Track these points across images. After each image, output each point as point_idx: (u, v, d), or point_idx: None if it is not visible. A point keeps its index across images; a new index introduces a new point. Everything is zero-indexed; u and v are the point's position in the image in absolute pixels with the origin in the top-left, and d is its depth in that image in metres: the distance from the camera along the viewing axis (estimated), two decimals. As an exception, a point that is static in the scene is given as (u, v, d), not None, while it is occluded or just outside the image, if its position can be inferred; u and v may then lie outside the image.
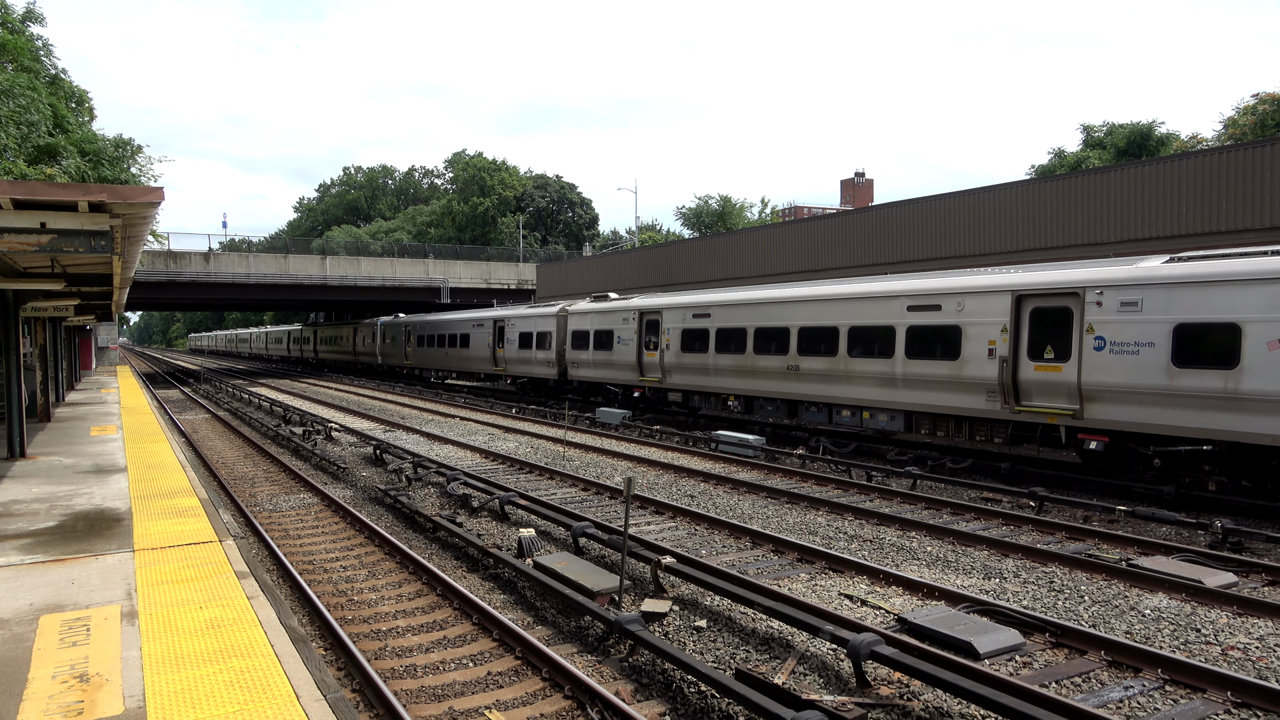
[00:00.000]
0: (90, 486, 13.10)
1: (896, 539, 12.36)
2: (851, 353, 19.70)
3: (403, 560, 11.61)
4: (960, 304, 17.46)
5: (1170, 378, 13.96)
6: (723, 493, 15.93)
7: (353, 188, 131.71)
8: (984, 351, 16.80)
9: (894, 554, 11.59)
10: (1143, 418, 14.41)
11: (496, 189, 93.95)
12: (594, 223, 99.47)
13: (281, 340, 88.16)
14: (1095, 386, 14.92)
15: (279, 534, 13.56)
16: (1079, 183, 23.00)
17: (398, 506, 15.10)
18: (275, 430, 25.57)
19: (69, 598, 7.57)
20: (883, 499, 15.21)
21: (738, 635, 8.71)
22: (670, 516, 13.89)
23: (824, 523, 13.40)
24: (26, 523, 10.59)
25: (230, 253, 54.79)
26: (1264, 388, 12.83)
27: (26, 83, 24.11)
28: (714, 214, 79.31)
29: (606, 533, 11.87)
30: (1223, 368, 13.34)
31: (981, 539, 11.91)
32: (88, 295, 19.41)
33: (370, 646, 8.63)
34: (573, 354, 31.76)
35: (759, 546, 11.95)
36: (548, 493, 15.95)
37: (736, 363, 23.16)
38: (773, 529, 12.94)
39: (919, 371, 18.09)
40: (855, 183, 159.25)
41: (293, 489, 17.49)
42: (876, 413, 19.46)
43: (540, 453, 21.10)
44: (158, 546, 9.37)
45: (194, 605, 7.37)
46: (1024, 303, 16.27)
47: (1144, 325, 14.36)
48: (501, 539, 12.82)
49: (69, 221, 8.92)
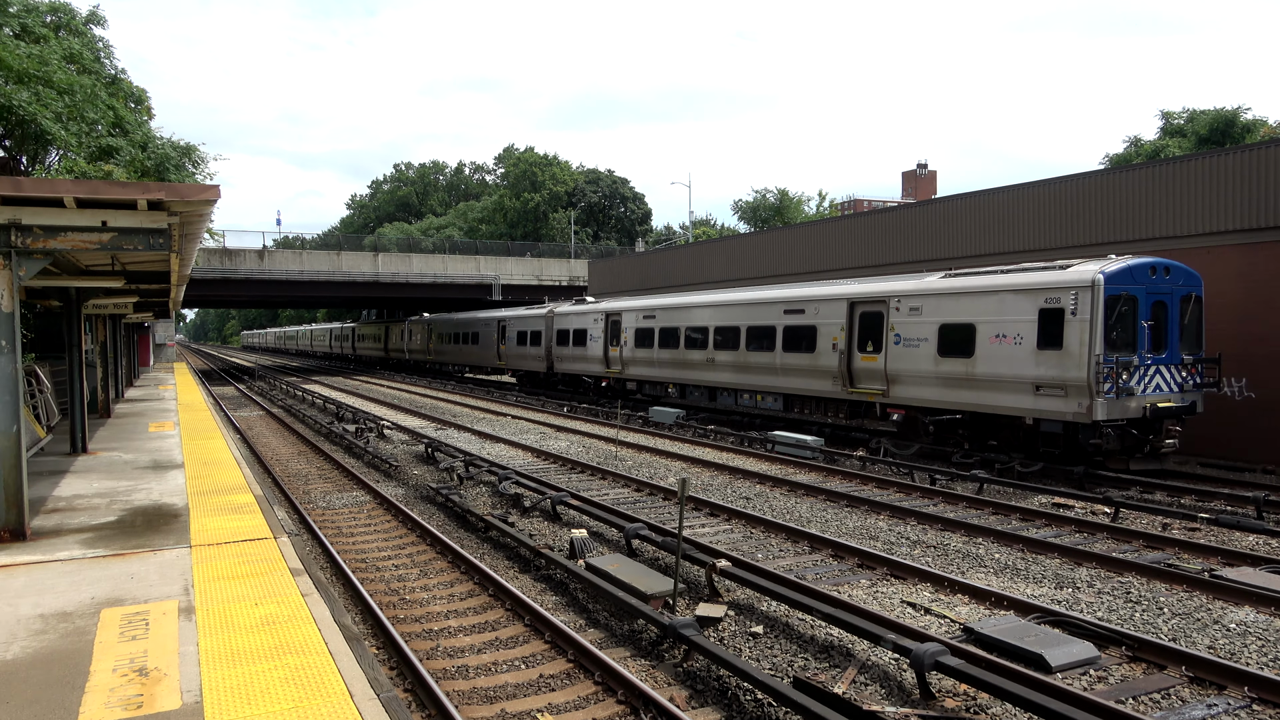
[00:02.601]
0: (149, 482, 13.51)
1: (962, 545, 12.15)
2: (749, 348, 24.70)
3: (454, 560, 11.75)
4: (816, 309, 22.33)
5: (936, 365, 18.76)
6: (779, 495, 15.84)
7: (404, 184, 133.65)
8: (830, 346, 21.71)
9: (959, 561, 11.41)
10: (921, 395, 19.27)
11: (548, 184, 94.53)
12: (647, 218, 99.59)
13: (324, 338, 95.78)
14: (895, 372, 19.77)
15: (332, 531, 13.84)
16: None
17: (449, 505, 15.30)
18: (328, 427, 26.10)
19: (128, 592, 7.82)
20: (947, 503, 14.98)
21: (796, 642, 8.63)
22: (725, 519, 13.85)
23: (886, 527, 13.24)
24: (88, 517, 10.97)
25: (284, 250, 56.13)
26: (988, 371, 17.70)
27: (90, 84, 24.95)
28: (771, 208, 78.70)
29: (660, 535, 11.87)
30: (965, 357, 18.10)
31: (1053, 546, 11.67)
32: (146, 293, 20.02)
33: (422, 646, 8.75)
34: (558, 350, 37.53)
35: (818, 551, 11.85)
36: (600, 493, 16.01)
37: (673, 356, 28.48)
38: (832, 533, 12.82)
39: (791, 362, 23.05)
40: (917, 174, 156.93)
41: (346, 486, 17.84)
42: (766, 396, 24.34)
43: (592, 452, 21.19)
44: (214, 543, 9.63)
45: (249, 601, 7.55)
46: (855, 308, 21.16)
47: (922, 325, 19.19)
48: (553, 540, 12.90)
49: (129, 220, 9.20)
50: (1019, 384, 17.08)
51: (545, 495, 14.64)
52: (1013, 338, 17.29)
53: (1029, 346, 16.93)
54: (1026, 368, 16.97)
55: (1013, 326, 17.33)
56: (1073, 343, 16.20)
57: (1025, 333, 17.05)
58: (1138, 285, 16.53)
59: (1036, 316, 16.84)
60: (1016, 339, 17.19)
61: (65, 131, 23.21)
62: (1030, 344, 16.92)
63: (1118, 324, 16.22)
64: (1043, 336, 16.72)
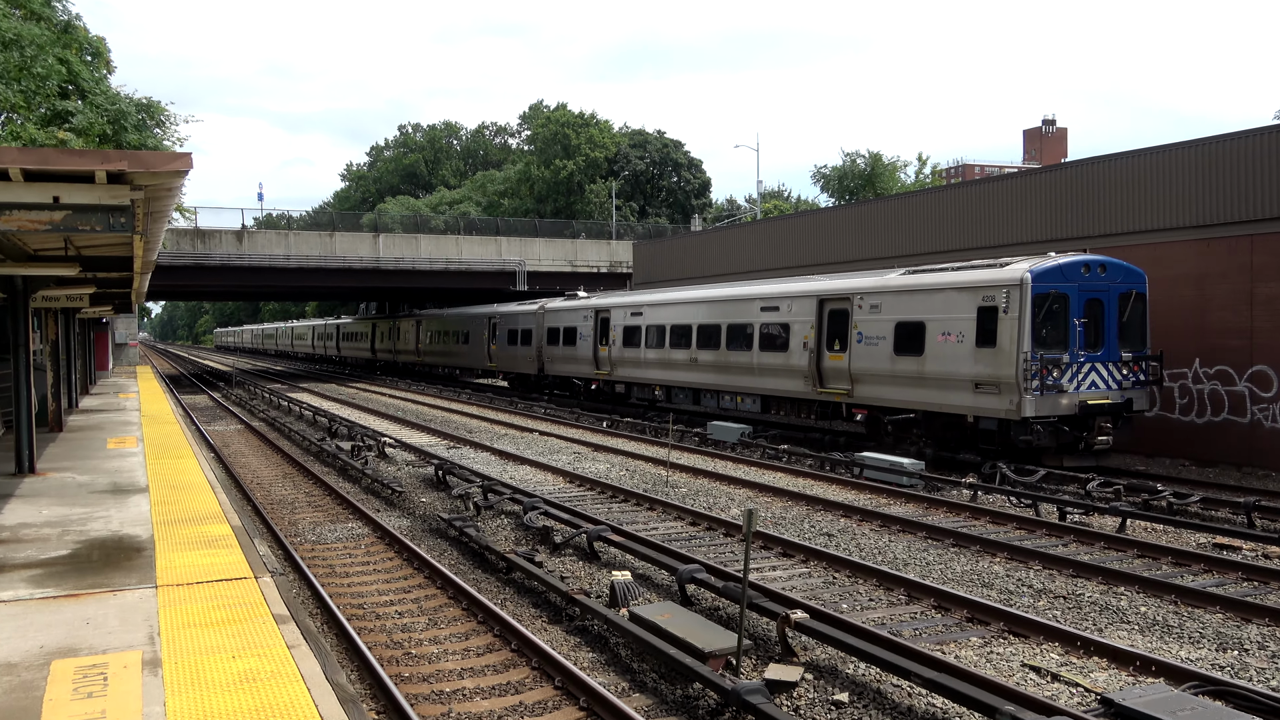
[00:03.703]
0: (107, 509, 13.84)
1: (1098, 595, 11.97)
2: (729, 346, 28.21)
3: (470, 606, 11.86)
4: (790, 306, 25.63)
5: (893, 363, 22.08)
6: (869, 531, 15.77)
7: (410, 150, 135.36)
8: (802, 344, 25.02)
9: (1095, 615, 11.25)
10: (880, 394, 22.56)
11: (584, 149, 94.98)
12: (704, 189, 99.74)
13: (306, 337, 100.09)
14: (858, 371, 23.14)
15: (324, 570, 14.05)
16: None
17: (464, 540, 15.44)
18: (319, 444, 26.52)
19: (84, 640, 8.01)
20: (1080, 543, 14.79)
21: (889, 713, 8.56)
22: (802, 560, 13.81)
23: (1002, 572, 13.10)
24: (36, 550, 11.27)
25: (267, 231, 57.33)
26: (937, 369, 20.91)
27: (39, 33, 25.65)
28: (860, 176, 78.09)
29: (721, 579, 11.85)
30: (917, 355, 21.35)
31: (1214, 597, 11.47)
32: (105, 282, 20.53)
33: (432, 711, 8.84)
34: (548, 349, 41.12)
35: (917, 601, 11.75)
36: (647, 527, 16.04)
37: (660, 356, 32.22)
38: (935, 579, 12.72)
39: (768, 362, 26.53)
40: (1043, 133, 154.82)
41: (340, 516, 18.11)
42: (745, 398, 27.76)
43: (637, 476, 21.25)
44: (184, 582, 9.83)
45: (225, 654, 7.69)
46: (824, 305, 24.40)
47: (880, 323, 22.44)
48: (590, 583, 12.94)
49: (85, 195, 9.40)
50: (961, 382, 20.34)
51: (580, 529, 14.71)
52: (956, 335, 20.47)
53: (969, 344, 20.11)
54: (967, 365, 20.22)
55: (956, 324, 20.51)
56: (1005, 340, 19.36)
57: (966, 330, 20.24)
58: (1069, 283, 19.60)
59: (975, 314, 20.06)
60: (959, 337, 20.39)
61: (10, 90, 23.87)
62: (970, 342, 20.09)
63: (1047, 321, 19.37)
64: (980, 334, 19.90)
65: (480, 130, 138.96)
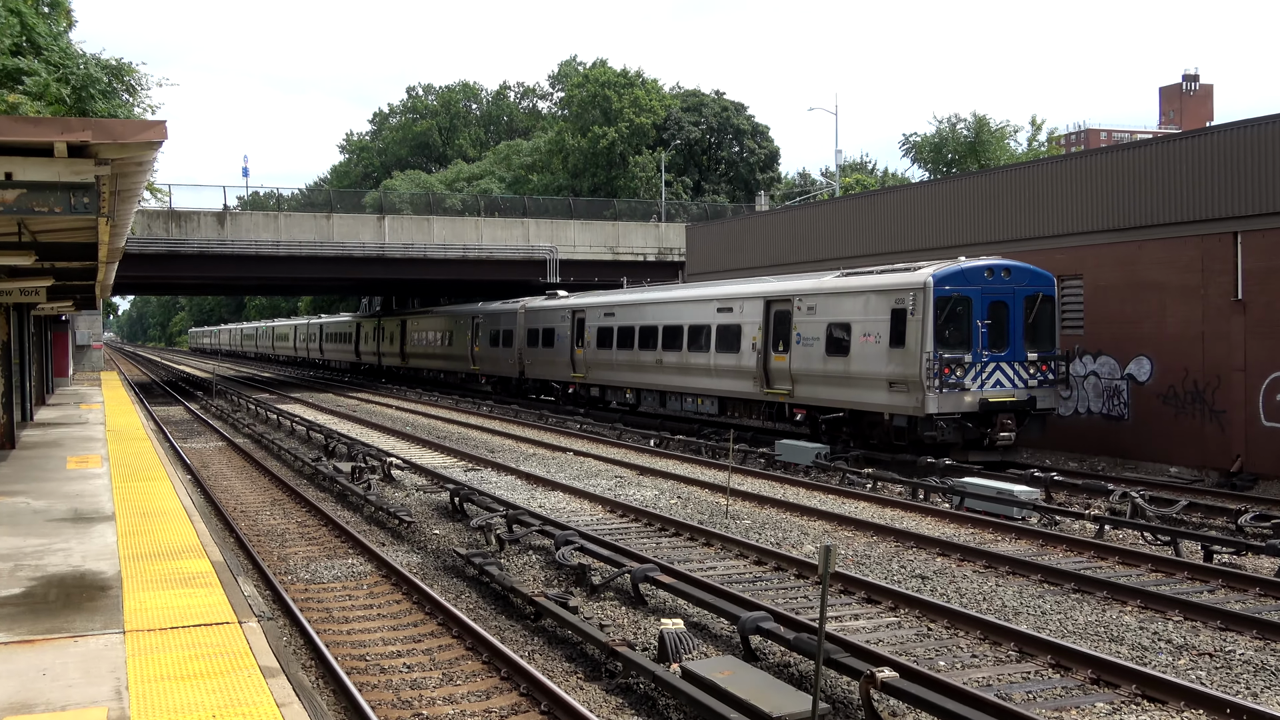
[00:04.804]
0: (67, 540, 14.05)
1: (1252, 653, 11.80)
2: (690, 347, 33.18)
3: (492, 659, 11.89)
4: (741, 307, 30.62)
5: (825, 364, 26.94)
6: (971, 572, 15.63)
7: (422, 115, 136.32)
8: (751, 345, 29.80)
9: (1249, 676, 11.09)
10: (816, 394, 27.47)
11: (627, 113, 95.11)
12: (772, 161, 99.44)
13: (288, 338, 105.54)
14: (798, 371, 27.95)
15: (319, 615, 14.15)
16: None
17: (484, 580, 15.49)
18: (314, 465, 26.76)
19: (40, 694, 8.13)
20: (1230, 588, 14.55)
21: (996, 793, 8.47)
22: (890, 606, 13.72)
23: (1134, 624, 12.94)
24: (-15, 588, 11.45)
25: (253, 212, 57.89)
26: (861, 369, 25.69)
27: None
28: (962, 145, 77.32)
29: (792, 629, 11.79)
30: (844, 355, 26.21)
31: (1398, 658, 11.20)
32: (65, 273, 20.79)
33: (446, 783, 8.87)
34: (528, 351, 46.42)
35: (1030, 658, 11.64)
36: (703, 566, 16.00)
37: (630, 358, 37.10)
38: (1052, 631, 12.60)
39: (722, 363, 31.47)
40: (1183, 92, 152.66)
41: (338, 550, 18.25)
42: (704, 399, 33.03)
43: (691, 505, 21.22)
44: (156, 628, 9.94)
45: (204, 712, 7.76)
46: (771, 306, 29.27)
47: (815, 324, 27.31)
48: (634, 633, 12.94)
49: (42, 171, 9.49)
50: (879, 381, 24.92)
51: (623, 568, 14.69)
52: (874, 336, 25.08)
53: (885, 345, 24.70)
54: (883, 365, 24.84)
55: (875, 326, 25.14)
56: (912, 341, 23.83)
57: (883, 332, 24.81)
58: (972, 286, 24.09)
59: (890, 316, 24.58)
60: (877, 338, 24.99)
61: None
62: (886, 343, 24.68)
63: (949, 323, 23.85)
64: (893, 335, 24.45)
65: (503, 92, 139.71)
